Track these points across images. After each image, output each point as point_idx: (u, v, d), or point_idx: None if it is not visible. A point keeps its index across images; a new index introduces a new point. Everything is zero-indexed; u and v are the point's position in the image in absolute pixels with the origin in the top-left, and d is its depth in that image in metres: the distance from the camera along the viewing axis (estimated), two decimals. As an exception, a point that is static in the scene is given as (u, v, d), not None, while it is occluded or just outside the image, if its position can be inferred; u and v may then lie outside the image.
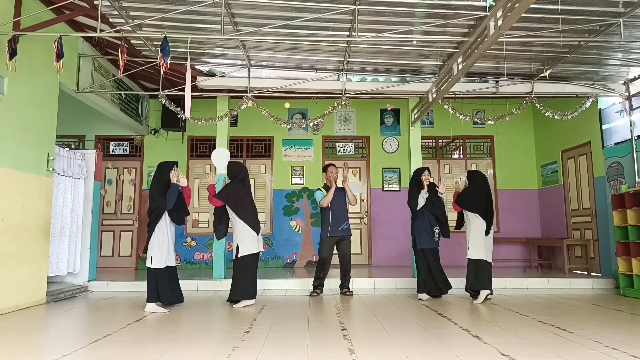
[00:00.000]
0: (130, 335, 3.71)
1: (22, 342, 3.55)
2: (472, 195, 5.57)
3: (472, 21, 5.20)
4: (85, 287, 6.37)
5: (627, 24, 5.16)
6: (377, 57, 6.38)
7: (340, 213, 6.02)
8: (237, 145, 9.17)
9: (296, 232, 8.98)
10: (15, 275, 4.92)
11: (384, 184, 9.17)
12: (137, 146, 9.13)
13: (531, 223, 9.04)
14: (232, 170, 5.45)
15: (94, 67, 6.70)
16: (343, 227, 6.00)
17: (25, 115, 5.15)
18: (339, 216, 5.99)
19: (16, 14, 4.95)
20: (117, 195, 8.97)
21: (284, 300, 5.65)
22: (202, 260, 8.82)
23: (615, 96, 6.96)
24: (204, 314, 4.68)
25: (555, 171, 8.56)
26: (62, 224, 6.11)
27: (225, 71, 6.93)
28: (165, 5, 5.05)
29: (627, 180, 6.60)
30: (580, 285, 6.63)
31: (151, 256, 4.86)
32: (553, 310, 4.85)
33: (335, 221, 5.96)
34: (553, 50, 5.97)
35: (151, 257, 4.86)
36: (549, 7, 4.85)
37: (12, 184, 4.92)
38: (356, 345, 3.35)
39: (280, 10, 5.11)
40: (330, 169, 6.18)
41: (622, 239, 6.14)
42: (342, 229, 5.99)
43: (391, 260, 8.80)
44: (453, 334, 3.71)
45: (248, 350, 3.23)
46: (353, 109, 9.25)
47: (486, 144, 9.37)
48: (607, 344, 3.34)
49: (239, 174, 5.40)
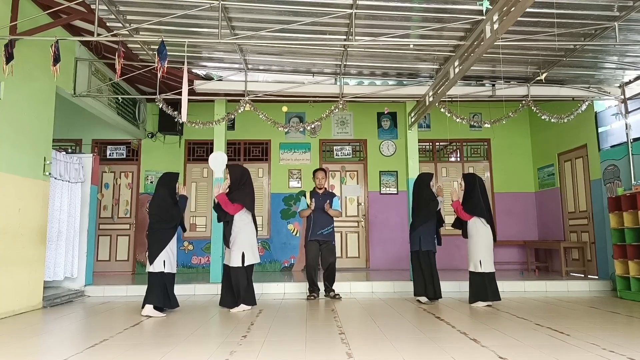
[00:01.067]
0: (127, 340, 3.70)
1: (18, 348, 3.53)
2: (477, 200, 5.48)
3: (468, 25, 5.22)
4: (81, 291, 6.34)
5: (622, 28, 5.19)
6: (374, 60, 6.40)
7: (322, 219, 6.03)
8: (235, 149, 9.17)
9: (293, 235, 8.98)
10: (11, 280, 4.89)
11: (382, 187, 9.17)
12: (134, 150, 9.12)
13: (528, 226, 9.06)
14: (236, 174, 5.38)
15: (91, 71, 6.69)
16: (323, 231, 6.01)
17: (22, 119, 5.14)
18: (319, 222, 6.02)
19: (13, 18, 4.95)
20: (114, 199, 8.95)
21: (282, 304, 5.64)
22: (200, 264, 8.80)
23: (611, 99, 7.00)
24: (201, 319, 4.67)
25: (552, 174, 8.58)
26: (59, 228, 6.08)
27: (222, 75, 6.93)
28: (162, 10, 5.05)
29: (623, 182, 6.63)
30: (578, 288, 6.64)
31: (163, 261, 4.96)
32: (550, 312, 4.86)
33: (315, 226, 6.01)
34: (549, 54, 6.00)
35: (163, 261, 4.95)
36: (544, 11, 4.88)
37: (9, 188, 4.90)
38: (354, 348, 3.34)
39: (277, 14, 5.12)
40: (317, 174, 6.25)
41: (619, 242, 6.16)
42: (321, 234, 6.00)
43: (389, 263, 8.79)
44: (451, 337, 3.71)
45: (245, 354, 3.22)
46: (350, 112, 9.26)
47: (483, 147, 9.39)
48: (605, 346, 3.35)
49: (242, 176, 5.36)
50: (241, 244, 5.19)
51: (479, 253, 5.38)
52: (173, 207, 5.10)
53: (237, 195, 5.24)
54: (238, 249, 5.17)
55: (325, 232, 6.03)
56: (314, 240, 6.01)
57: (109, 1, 4.86)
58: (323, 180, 6.22)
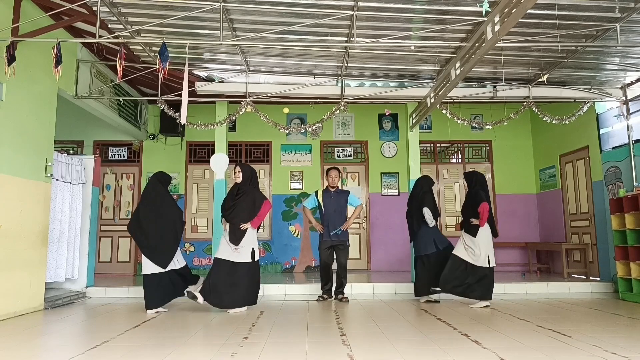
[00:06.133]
0: (129, 342, 3.70)
1: (19, 349, 3.53)
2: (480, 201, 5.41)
3: (469, 26, 5.23)
4: (83, 293, 6.34)
5: (624, 29, 5.19)
6: (375, 62, 6.40)
7: (335, 219, 5.87)
8: (236, 151, 9.18)
9: (295, 237, 8.97)
10: (13, 281, 4.90)
11: (383, 189, 9.17)
12: (136, 151, 9.13)
13: (530, 227, 9.05)
14: (247, 173, 5.29)
15: (93, 72, 6.71)
16: (337, 232, 5.82)
17: (23, 120, 5.15)
18: (333, 222, 5.85)
19: (15, 20, 4.96)
20: (116, 200, 8.96)
21: (283, 305, 5.64)
22: (201, 265, 8.80)
23: (612, 101, 6.99)
24: (202, 320, 4.66)
25: (553, 175, 8.57)
26: (61, 230, 6.09)
27: (223, 76, 6.94)
28: (164, 11, 5.06)
29: (625, 184, 6.62)
30: (579, 290, 6.62)
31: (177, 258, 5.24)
32: (552, 314, 4.85)
33: (329, 226, 5.86)
34: (550, 55, 6.00)
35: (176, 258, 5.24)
36: (545, 13, 4.88)
37: (10, 189, 4.91)
38: (355, 350, 3.34)
39: (279, 16, 5.13)
40: (330, 173, 6.06)
41: (621, 243, 6.15)
42: (335, 234, 5.82)
43: (390, 265, 8.78)
44: (452, 339, 3.70)
45: (247, 356, 3.22)
46: (351, 113, 9.26)
47: (484, 148, 9.38)
48: (606, 348, 3.34)
49: (252, 175, 5.34)
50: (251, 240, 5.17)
51: (486, 248, 5.35)
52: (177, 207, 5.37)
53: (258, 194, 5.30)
54: (248, 245, 5.13)
55: (339, 233, 5.84)
56: (328, 245, 5.86)
57: (111, 3, 4.87)
58: (336, 179, 6.04)
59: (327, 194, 6.01)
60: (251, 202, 5.19)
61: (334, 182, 6.05)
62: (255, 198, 5.23)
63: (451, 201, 9.19)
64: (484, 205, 5.31)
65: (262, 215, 5.21)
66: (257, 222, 5.22)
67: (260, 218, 5.23)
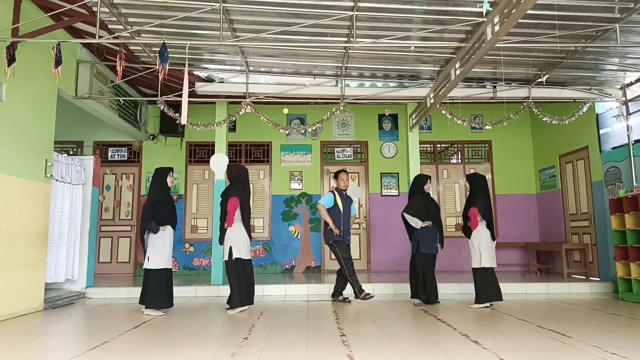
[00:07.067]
0: (128, 342, 3.70)
1: (19, 349, 3.53)
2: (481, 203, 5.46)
3: (469, 27, 5.23)
4: (83, 293, 6.34)
5: (623, 30, 5.20)
6: (375, 62, 6.41)
7: (348, 224, 5.98)
8: (236, 151, 9.18)
9: (295, 237, 8.97)
10: (12, 282, 4.90)
11: (383, 189, 9.17)
12: (136, 152, 9.12)
13: (530, 228, 9.05)
14: (232, 173, 5.45)
15: (93, 73, 6.71)
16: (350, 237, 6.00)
17: (23, 121, 5.15)
18: (348, 227, 5.95)
19: (15, 21, 4.96)
20: (116, 201, 8.96)
21: (283, 306, 5.64)
22: (201, 266, 8.80)
23: (612, 101, 7.00)
24: (202, 320, 4.66)
25: (553, 176, 8.57)
26: (60, 230, 6.09)
27: (223, 77, 6.95)
28: (164, 12, 5.07)
29: (624, 184, 6.62)
30: (579, 290, 6.62)
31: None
32: (552, 315, 4.85)
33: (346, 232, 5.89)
34: (550, 56, 6.01)
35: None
36: (545, 13, 4.89)
37: (10, 190, 4.91)
38: (355, 351, 3.34)
39: (279, 17, 5.13)
40: (341, 175, 6.06)
41: (621, 243, 6.15)
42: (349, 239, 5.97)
43: (390, 265, 8.78)
44: (452, 339, 3.71)
45: (247, 356, 3.22)
46: (351, 114, 9.26)
47: (484, 148, 9.39)
48: (606, 348, 3.34)
49: (239, 175, 5.39)
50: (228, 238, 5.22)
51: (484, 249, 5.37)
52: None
53: (233, 190, 5.32)
54: (225, 244, 5.24)
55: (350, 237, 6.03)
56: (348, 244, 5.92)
57: (111, 3, 4.88)
58: (348, 182, 6.11)
59: (341, 196, 6.00)
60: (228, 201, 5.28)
61: (347, 185, 6.09)
62: (230, 197, 5.28)
63: (451, 201, 9.19)
64: (472, 211, 5.46)
65: (230, 211, 5.22)
66: (229, 219, 5.23)
67: (230, 214, 5.22)
